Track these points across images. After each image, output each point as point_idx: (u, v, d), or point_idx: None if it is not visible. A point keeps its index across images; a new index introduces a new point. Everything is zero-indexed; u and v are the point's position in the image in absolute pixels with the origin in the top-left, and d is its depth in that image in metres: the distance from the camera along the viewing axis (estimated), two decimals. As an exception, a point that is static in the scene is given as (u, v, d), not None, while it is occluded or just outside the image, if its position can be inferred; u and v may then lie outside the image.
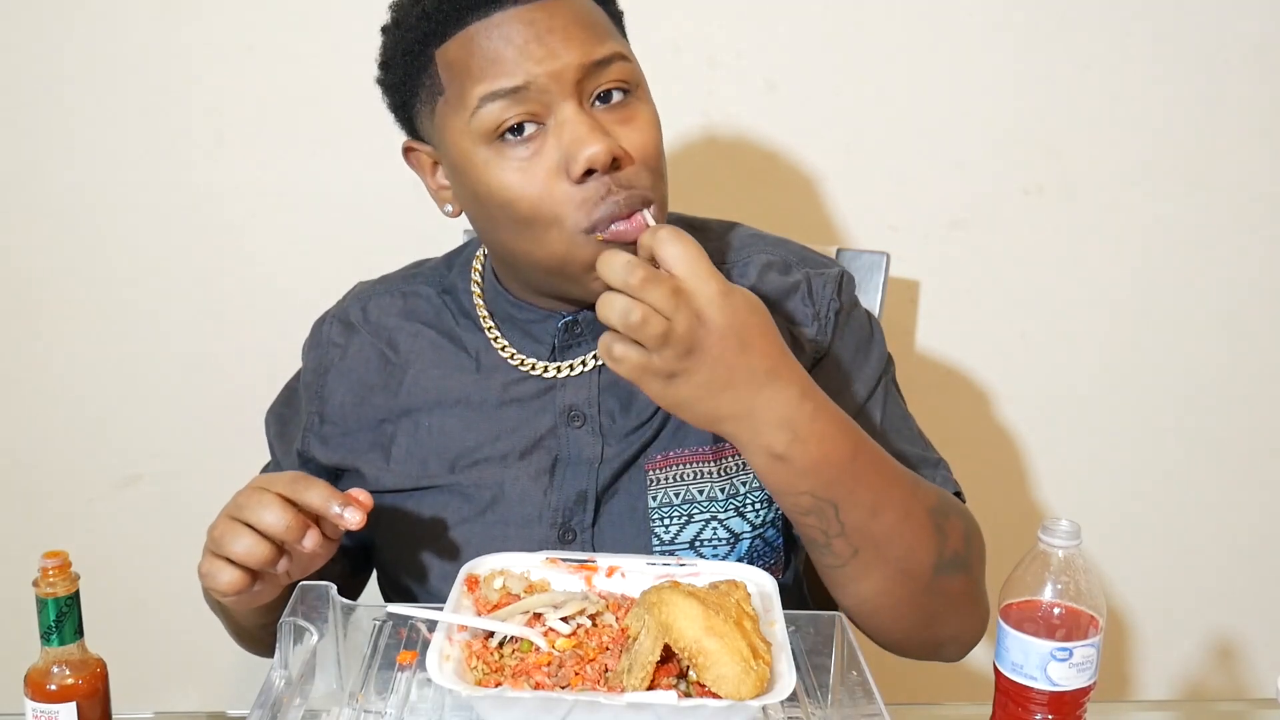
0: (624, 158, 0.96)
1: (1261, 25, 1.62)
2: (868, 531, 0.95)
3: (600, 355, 0.90)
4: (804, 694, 0.91)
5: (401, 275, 1.21)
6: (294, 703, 0.89)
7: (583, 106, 0.97)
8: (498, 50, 0.95)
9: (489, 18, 0.96)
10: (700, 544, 1.08)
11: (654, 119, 1.01)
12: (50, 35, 1.55)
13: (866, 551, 0.96)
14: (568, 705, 0.79)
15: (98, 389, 1.67)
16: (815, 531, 0.96)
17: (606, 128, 0.96)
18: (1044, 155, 1.65)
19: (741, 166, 1.63)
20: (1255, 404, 1.76)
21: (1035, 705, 0.87)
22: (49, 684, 0.85)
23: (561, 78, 0.95)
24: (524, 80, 0.95)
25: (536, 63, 0.95)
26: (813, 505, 0.94)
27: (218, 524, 0.92)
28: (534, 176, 0.96)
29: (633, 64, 1.00)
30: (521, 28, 0.96)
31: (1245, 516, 1.81)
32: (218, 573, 0.91)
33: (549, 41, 0.95)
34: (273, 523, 0.90)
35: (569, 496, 1.08)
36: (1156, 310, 1.72)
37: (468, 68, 0.97)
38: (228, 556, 0.91)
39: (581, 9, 0.99)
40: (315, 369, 1.16)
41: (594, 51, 0.96)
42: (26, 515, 1.71)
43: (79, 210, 1.61)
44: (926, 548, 0.98)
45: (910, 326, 1.70)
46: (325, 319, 1.19)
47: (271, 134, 1.59)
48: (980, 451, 1.76)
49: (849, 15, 1.59)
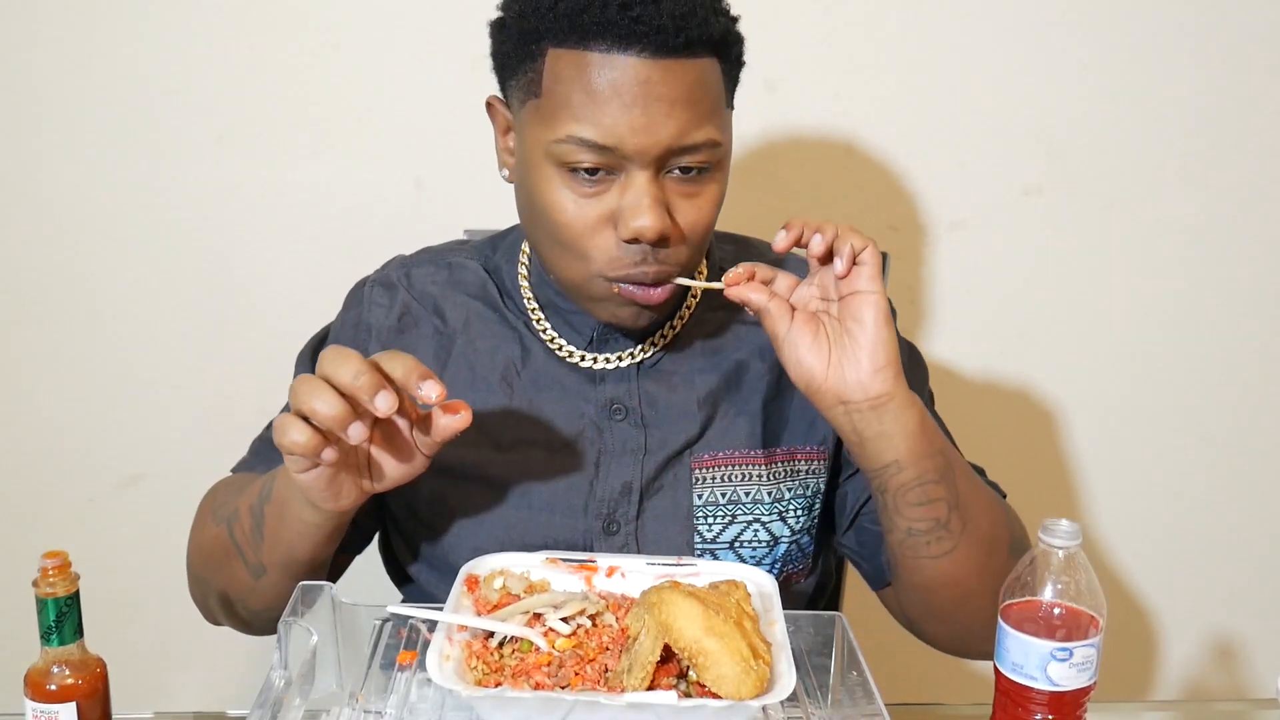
0: (673, 236, 0.98)
1: (1262, 25, 1.62)
2: (970, 503, 1.00)
3: None
4: (804, 694, 0.91)
5: (444, 248, 1.20)
6: (294, 703, 0.89)
7: (656, 177, 0.97)
8: (604, 97, 0.94)
9: (610, 55, 0.94)
10: (740, 545, 1.10)
11: (718, 197, 1.02)
12: (50, 35, 1.55)
13: (970, 526, 1.00)
14: (568, 705, 0.79)
15: (98, 389, 1.67)
16: (941, 505, 0.99)
17: (670, 200, 0.98)
18: (1044, 155, 1.65)
19: (741, 167, 1.63)
20: (1255, 404, 1.76)
21: (1035, 705, 0.87)
22: (49, 684, 0.85)
23: (647, 153, 0.95)
24: (613, 143, 0.95)
25: (631, 131, 0.94)
26: (944, 468, 0.98)
27: (297, 383, 0.89)
28: (586, 214, 0.98)
29: (722, 146, 1.00)
30: (634, 85, 0.94)
31: (1245, 516, 1.81)
32: (289, 427, 0.87)
33: (652, 112, 0.94)
34: (348, 379, 0.85)
35: (614, 488, 1.09)
36: (1156, 310, 1.72)
37: (569, 96, 0.95)
38: (304, 412, 0.87)
39: (698, 82, 0.96)
40: (355, 324, 1.14)
41: (689, 136, 0.96)
42: (26, 515, 1.71)
43: (79, 210, 1.61)
44: (1001, 524, 1.05)
45: (910, 326, 1.70)
46: (365, 282, 1.17)
47: (271, 134, 1.59)
48: (980, 452, 1.75)
49: (849, 15, 1.59)
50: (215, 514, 1.07)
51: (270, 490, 1.00)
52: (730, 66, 1.01)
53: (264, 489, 1.01)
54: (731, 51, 1.01)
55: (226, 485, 1.13)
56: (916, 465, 0.97)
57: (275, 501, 0.99)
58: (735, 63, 1.02)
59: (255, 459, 1.16)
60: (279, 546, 1.00)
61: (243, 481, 1.09)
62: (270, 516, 1.00)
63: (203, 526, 1.09)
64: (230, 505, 1.05)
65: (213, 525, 1.07)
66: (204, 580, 1.09)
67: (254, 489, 1.03)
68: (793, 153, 1.63)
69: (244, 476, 1.13)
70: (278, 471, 0.99)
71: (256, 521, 1.01)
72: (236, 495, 1.06)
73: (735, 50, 1.02)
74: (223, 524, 1.04)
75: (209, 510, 1.10)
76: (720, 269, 1.15)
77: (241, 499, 1.04)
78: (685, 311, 1.13)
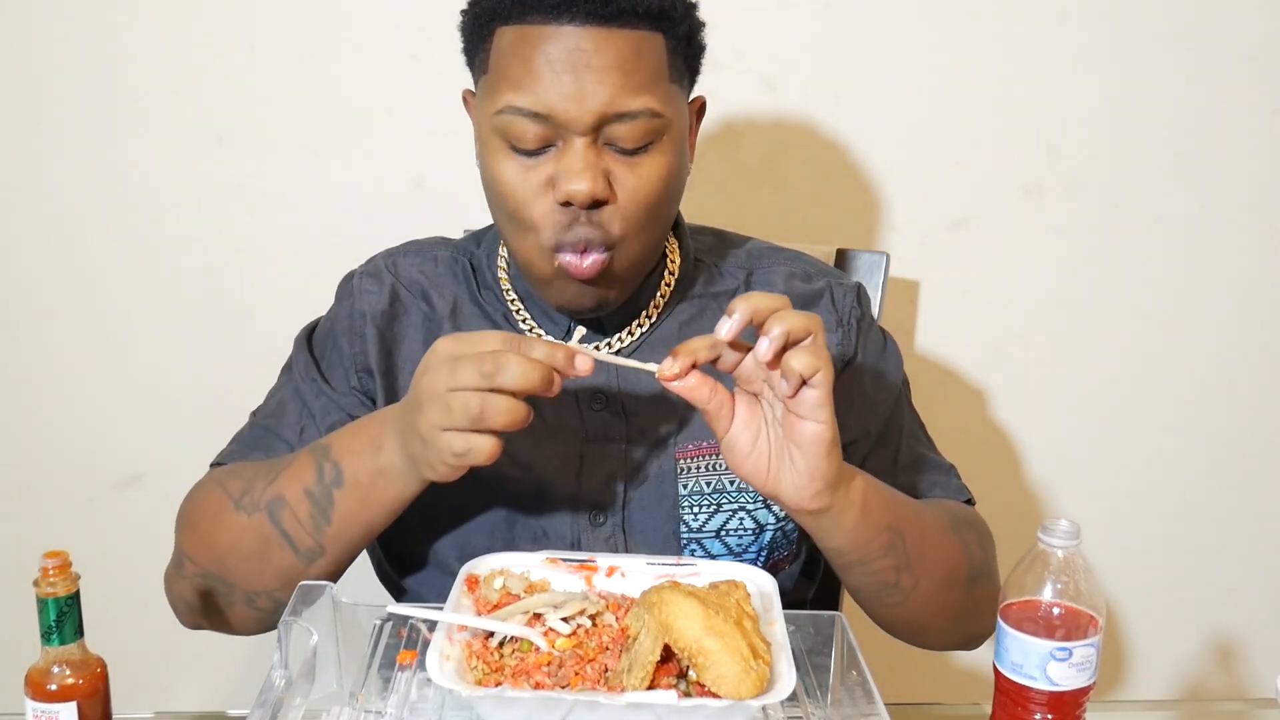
0: (609, 202, 0.98)
1: (1262, 25, 1.62)
2: (923, 557, 1.01)
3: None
4: (804, 694, 0.91)
5: (427, 242, 1.21)
6: (294, 703, 0.89)
7: (595, 143, 0.98)
8: (538, 66, 0.96)
9: (546, 26, 0.96)
10: (726, 533, 1.11)
11: (664, 171, 1.00)
12: (50, 35, 1.55)
13: (923, 579, 1.01)
14: (568, 705, 0.79)
15: (98, 389, 1.67)
16: (889, 572, 1.00)
17: (610, 168, 0.98)
18: (1044, 155, 1.65)
19: (741, 166, 1.63)
20: (1255, 404, 1.76)
21: (1035, 705, 0.87)
22: (49, 684, 0.84)
23: (580, 120, 0.96)
24: (546, 110, 0.96)
25: (562, 98, 0.96)
26: (891, 542, 0.98)
27: (463, 376, 0.88)
28: (528, 182, 0.99)
29: (665, 119, 0.99)
30: (566, 53, 0.95)
31: (1245, 516, 1.81)
32: (503, 407, 0.88)
33: (584, 78, 0.95)
34: (541, 355, 0.88)
35: (599, 478, 1.09)
36: (1156, 310, 1.72)
37: (508, 67, 0.98)
38: (509, 387, 0.87)
39: (633, 50, 0.97)
40: (350, 314, 1.14)
41: (623, 103, 0.96)
42: (26, 515, 1.71)
43: (79, 209, 1.61)
44: (959, 562, 1.05)
45: (910, 326, 1.70)
46: (353, 274, 1.17)
47: (271, 134, 1.59)
48: (980, 451, 1.76)
49: (849, 15, 1.59)
50: (239, 504, 1.03)
51: (340, 473, 0.99)
52: (678, 43, 1.01)
53: (321, 471, 0.99)
54: (678, 28, 1.00)
55: (231, 476, 1.07)
56: (859, 550, 0.98)
57: (355, 485, 0.98)
58: (684, 40, 1.02)
59: (247, 447, 1.13)
60: (352, 526, 1.00)
61: (253, 470, 1.05)
62: (345, 499, 0.99)
63: (217, 519, 1.04)
64: (263, 493, 1.02)
65: (240, 516, 1.02)
66: (213, 575, 1.05)
67: (296, 473, 1.01)
68: (793, 153, 1.63)
69: (247, 465, 1.08)
70: (338, 455, 0.99)
71: (320, 506, 1.00)
72: (263, 483, 1.02)
73: (683, 27, 1.01)
74: (260, 512, 1.01)
75: (223, 501, 1.04)
76: (698, 260, 1.16)
77: (280, 484, 1.01)
78: (660, 299, 1.13)
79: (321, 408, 1.11)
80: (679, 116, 1.02)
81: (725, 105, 1.60)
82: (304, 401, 1.12)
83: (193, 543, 1.07)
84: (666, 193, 1.02)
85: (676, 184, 1.03)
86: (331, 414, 1.11)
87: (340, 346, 1.14)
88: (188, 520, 1.09)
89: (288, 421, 1.12)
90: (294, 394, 1.14)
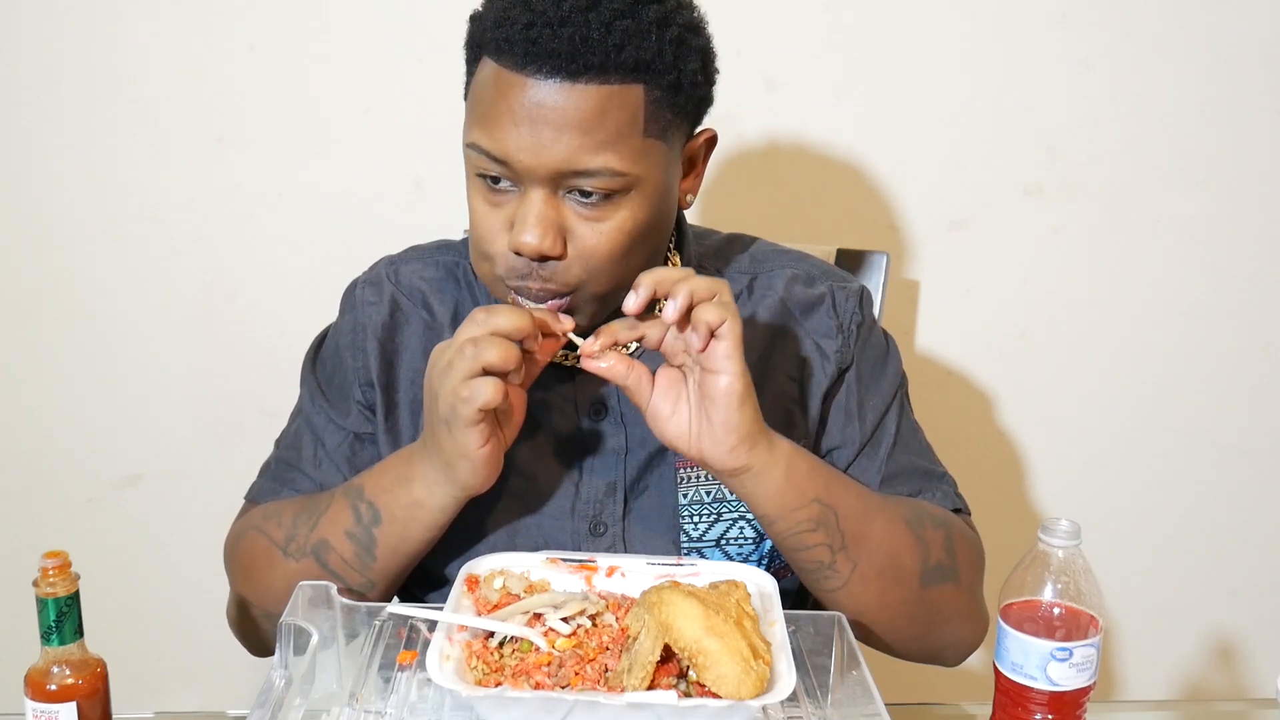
0: (564, 257, 0.97)
1: (1262, 25, 1.62)
2: (862, 540, 1.01)
3: None
4: (804, 694, 0.90)
5: (430, 246, 1.21)
6: (294, 703, 0.89)
7: (554, 195, 0.97)
8: (501, 112, 0.95)
9: (513, 73, 0.94)
10: (727, 542, 1.10)
11: (628, 225, 0.98)
12: (50, 36, 1.55)
13: (862, 564, 1.01)
14: (568, 705, 0.80)
15: (98, 389, 1.67)
16: (821, 550, 0.99)
17: (568, 221, 0.97)
18: (1044, 155, 1.65)
19: (741, 166, 1.63)
20: (1255, 403, 1.76)
21: (1035, 705, 0.87)
22: (49, 684, 0.85)
23: (535, 172, 0.95)
24: (503, 157, 0.95)
25: (518, 150, 0.94)
26: (821, 515, 0.98)
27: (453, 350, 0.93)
28: (492, 219, 0.99)
29: (628, 176, 0.96)
30: (526, 105, 0.94)
31: (1245, 516, 1.81)
32: (481, 388, 0.92)
33: (540, 134, 0.94)
34: (507, 325, 0.92)
35: (599, 488, 1.09)
36: (1157, 310, 1.72)
37: (480, 103, 0.97)
38: (485, 364, 0.92)
39: (597, 108, 0.94)
40: (353, 328, 1.15)
41: (580, 161, 0.94)
42: (26, 515, 1.71)
43: (79, 210, 1.61)
44: (910, 556, 1.03)
45: (910, 326, 1.70)
46: (356, 284, 1.18)
47: (271, 134, 1.59)
48: (980, 452, 1.76)
49: (849, 15, 1.59)
50: (286, 551, 1.05)
51: (377, 512, 1.02)
52: (665, 94, 0.97)
53: (358, 513, 1.03)
54: (662, 78, 0.96)
55: (271, 521, 1.09)
56: (786, 519, 0.99)
57: (392, 520, 1.02)
58: (671, 89, 0.97)
59: (275, 483, 1.14)
60: (396, 557, 1.03)
61: (293, 513, 1.07)
62: (386, 536, 1.02)
63: (269, 568, 1.07)
64: (307, 537, 1.04)
65: (290, 562, 1.05)
66: (276, 616, 1.02)
67: (334, 517, 1.04)
68: (793, 153, 1.63)
69: (285, 506, 1.10)
70: (371, 494, 1.03)
71: (363, 545, 1.03)
72: (305, 525, 1.05)
73: (669, 77, 0.96)
74: (307, 557, 1.04)
75: (270, 550, 1.06)
76: (701, 267, 1.15)
77: (322, 529, 1.04)
78: (658, 312, 1.12)
79: (333, 441, 1.13)
80: (652, 169, 0.98)
81: (725, 105, 1.59)
82: (317, 435, 1.14)
83: (251, 589, 1.09)
84: (630, 244, 0.99)
85: (645, 234, 1.01)
86: (343, 446, 1.13)
87: (344, 361, 1.15)
88: (241, 569, 1.11)
89: (305, 455, 1.14)
90: (306, 425, 1.15)
